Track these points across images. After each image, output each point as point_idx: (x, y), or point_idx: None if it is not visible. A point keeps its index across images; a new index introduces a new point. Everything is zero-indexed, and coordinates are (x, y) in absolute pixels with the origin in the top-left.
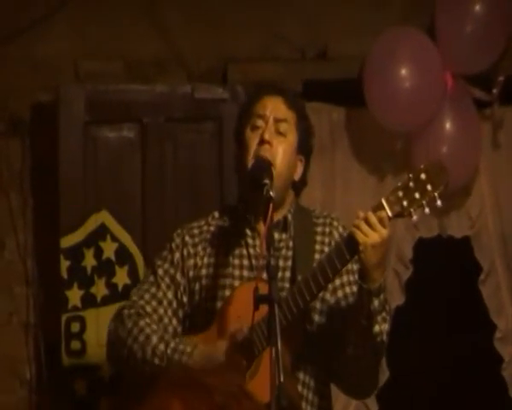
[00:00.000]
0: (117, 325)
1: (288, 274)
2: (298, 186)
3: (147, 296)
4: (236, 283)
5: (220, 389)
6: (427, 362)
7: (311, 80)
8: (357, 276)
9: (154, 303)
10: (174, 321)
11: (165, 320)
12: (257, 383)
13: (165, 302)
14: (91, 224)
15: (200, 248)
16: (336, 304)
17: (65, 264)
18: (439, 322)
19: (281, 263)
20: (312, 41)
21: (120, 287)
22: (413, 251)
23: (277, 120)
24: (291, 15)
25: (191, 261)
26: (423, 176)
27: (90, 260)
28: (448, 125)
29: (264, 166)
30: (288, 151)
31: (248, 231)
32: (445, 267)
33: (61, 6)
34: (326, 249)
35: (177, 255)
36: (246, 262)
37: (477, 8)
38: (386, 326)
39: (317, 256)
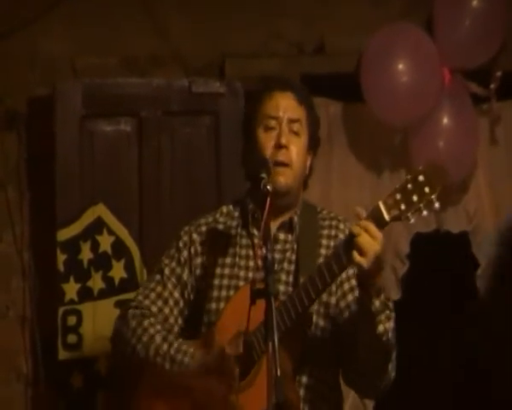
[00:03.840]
0: (121, 324)
1: (291, 278)
2: (305, 179)
3: (152, 296)
4: (241, 283)
5: (200, 389)
6: (424, 358)
7: (309, 75)
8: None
9: (159, 303)
10: (180, 320)
11: (171, 320)
12: (254, 390)
13: (171, 302)
14: (88, 217)
15: (207, 246)
16: (347, 308)
17: (61, 257)
18: (436, 317)
19: (285, 266)
20: (310, 36)
21: (117, 281)
22: (410, 246)
23: (291, 121)
24: (289, 10)
25: (199, 260)
26: (421, 178)
27: (86, 254)
28: (445, 121)
29: (262, 160)
30: (302, 151)
31: (256, 231)
32: (441, 262)
33: (59, 1)
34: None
35: (185, 253)
36: (251, 263)
37: (475, 3)
38: (390, 324)
39: (321, 261)
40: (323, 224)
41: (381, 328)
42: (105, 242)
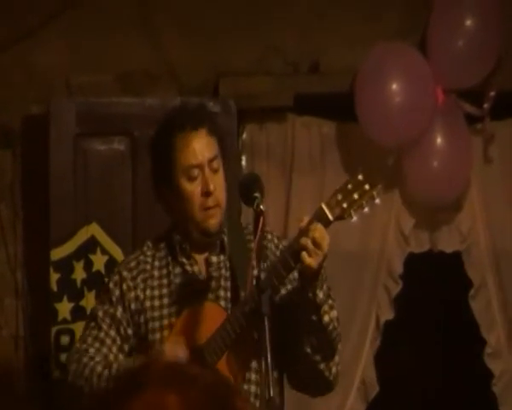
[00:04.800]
0: (65, 374)
1: (229, 294)
2: None
3: (89, 340)
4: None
5: (207, 377)
6: (417, 377)
7: (303, 94)
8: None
9: (96, 344)
10: (120, 356)
11: (111, 358)
12: None
13: (108, 341)
14: (81, 236)
15: (139, 280)
16: (281, 300)
17: (55, 276)
18: (429, 337)
19: (222, 283)
20: (305, 55)
21: None
22: (403, 266)
23: (210, 161)
24: (284, 29)
25: (132, 294)
26: (360, 177)
27: (79, 273)
28: (439, 140)
29: (254, 180)
30: (223, 183)
31: (185, 260)
32: (435, 282)
33: (54, 18)
34: (263, 264)
35: (117, 292)
36: (188, 289)
37: (468, 23)
38: (334, 313)
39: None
40: (251, 238)
41: (326, 318)
42: (98, 261)
